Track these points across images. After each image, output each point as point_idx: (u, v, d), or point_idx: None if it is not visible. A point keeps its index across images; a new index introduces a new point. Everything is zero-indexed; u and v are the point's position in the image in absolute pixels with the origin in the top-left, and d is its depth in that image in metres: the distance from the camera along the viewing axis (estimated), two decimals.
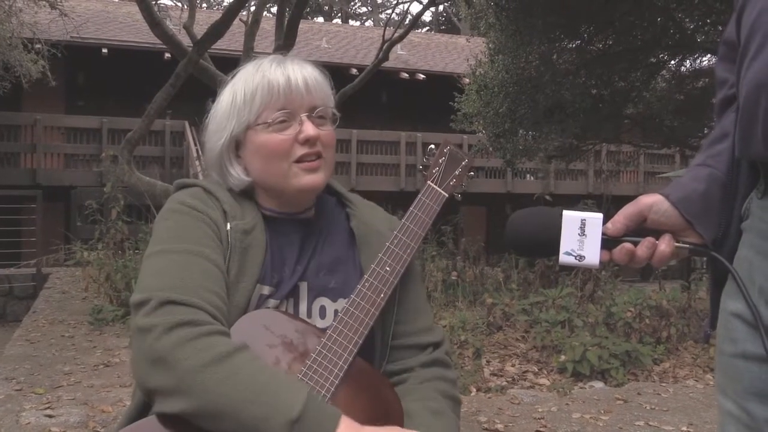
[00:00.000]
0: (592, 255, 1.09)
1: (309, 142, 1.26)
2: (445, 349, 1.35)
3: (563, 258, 1.10)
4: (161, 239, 1.22)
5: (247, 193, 1.32)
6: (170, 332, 1.08)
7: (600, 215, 1.10)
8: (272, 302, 1.24)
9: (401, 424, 1.18)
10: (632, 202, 1.10)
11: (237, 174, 1.30)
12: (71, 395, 4.42)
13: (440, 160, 1.40)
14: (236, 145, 1.31)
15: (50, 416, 3.92)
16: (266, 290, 1.24)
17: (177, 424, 1.09)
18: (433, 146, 1.43)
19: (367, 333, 1.21)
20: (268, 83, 1.26)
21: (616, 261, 1.10)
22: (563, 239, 1.10)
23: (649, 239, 1.08)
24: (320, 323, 1.26)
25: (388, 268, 1.26)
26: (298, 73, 1.28)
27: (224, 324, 1.14)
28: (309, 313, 1.27)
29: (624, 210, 1.10)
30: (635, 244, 1.09)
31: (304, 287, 1.28)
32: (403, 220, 1.33)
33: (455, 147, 1.45)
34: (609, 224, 1.10)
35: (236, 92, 1.29)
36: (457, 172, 1.41)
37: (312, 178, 1.27)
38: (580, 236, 1.09)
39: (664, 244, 1.07)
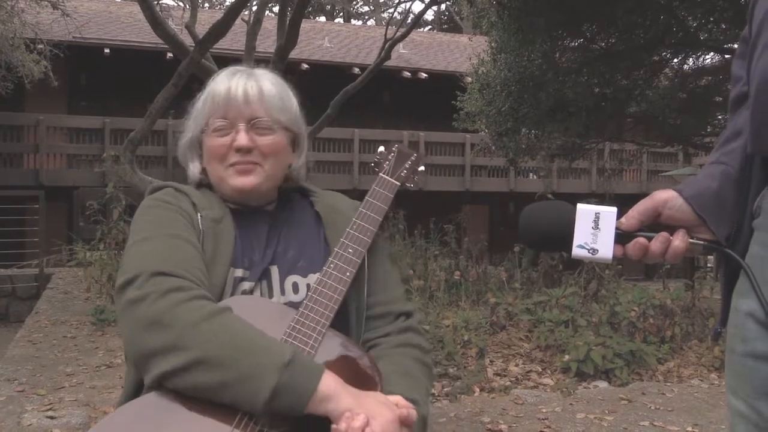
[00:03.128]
0: (606, 249, 1.08)
1: (241, 151, 1.36)
2: (417, 319, 1.44)
3: (576, 251, 1.09)
4: (141, 230, 1.30)
5: (211, 189, 1.44)
6: (164, 296, 1.14)
7: (614, 209, 1.09)
8: (247, 284, 1.31)
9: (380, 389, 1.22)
10: (647, 198, 1.09)
11: (193, 170, 1.45)
12: (73, 396, 4.41)
13: (389, 156, 1.53)
14: (199, 145, 1.44)
15: (52, 417, 3.91)
16: (239, 272, 1.32)
17: (171, 396, 1.12)
18: (382, 148, 1.55)
19: (337, 308, 1.28)
20: (212, 92, 1.40)
21: (630, 256, 1.09)
22: (577, 232, 1.09)
23: (664, 234, 1.07)
24: (294, 297, 1.34)
25: (350, 250, 1.35)
26: (240, 85, 1.38)
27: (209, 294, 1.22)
28: (282, 291, 1.35)
29: (638, 205, 1.09)
30: (649, 239, 1.08)
31: (275, 270, 1.36)
32: (360, 208, 1.43)
33: (403, 145, 1.58)
34: (623, 219, 1.09)
35: (199, 98, 1.44)
36: (407, 165, 1.53)
37: (242, 181, 1.37)
38: (594, 230, 1.08)
39: (679, 240, 1.06)
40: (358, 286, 1.37)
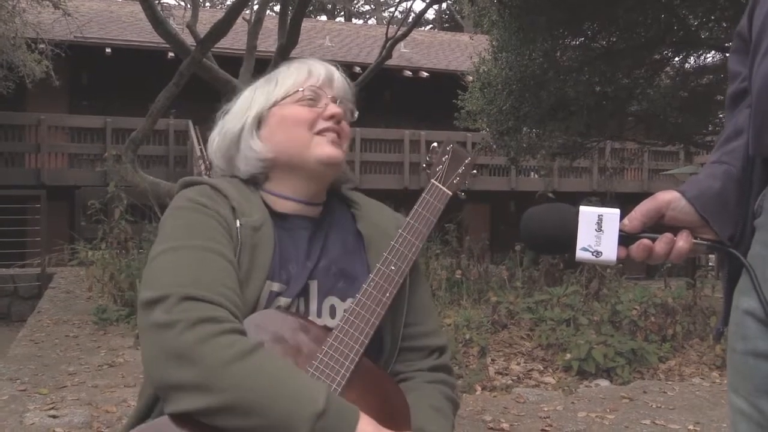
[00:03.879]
0: (609, 251, 1.07)
1: (334, 118, 1.32)
2: (449, 356, 1.39)
3: (580, 254, 1.08)
4: (171, 236, 1.20)
5: (253, 187, 1.34)
6: (193, 328, 1.07)
7: (617, 211, 1.08)
8: (283, 300, 1.23)
9: (409, 426, 1.19)
10: (649, 199, 1.09)
11: (257, 148, 1.32)
12: (75, 395, 4.41)
13: (444, 158, 1.41)
14: (258, 125, 1.35)
15: (54, 417, 3.91)
16: (276, 287, 1.23)
17: (190, 423, 1.07)
18: (436, 144, 1.44)
19: (373, 333, 1.21)
20: (308, 68, 1.36)
21: (634, 257, 1.08)
22: (580, 235, 1.08)
23: (668, 235, 1.06)
24: (330, 322, 1.25)
25: (393, 267, 1.26)
26: (337, 72, 1.38)
27: (242, 322, 1.14)
28: (319, 312, 1.27)
29: (641, 207, 1.08)
30: (653, 240, 1.07)
31: (314, 286, 1.27)
32: (407, 219, 1.32)
33: (458, 145, 1.45)
34: (626, 220, 1.08)
35: (262, 84, 1.38)
36: (460, 171, 1.41)
37: (333, 150, 1.31)
38: (597, 232, 1.07)
39: (683, 240, 1.06)
40: (396, 312, 1.30)
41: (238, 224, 1.23)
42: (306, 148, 1.30)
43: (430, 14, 37.56)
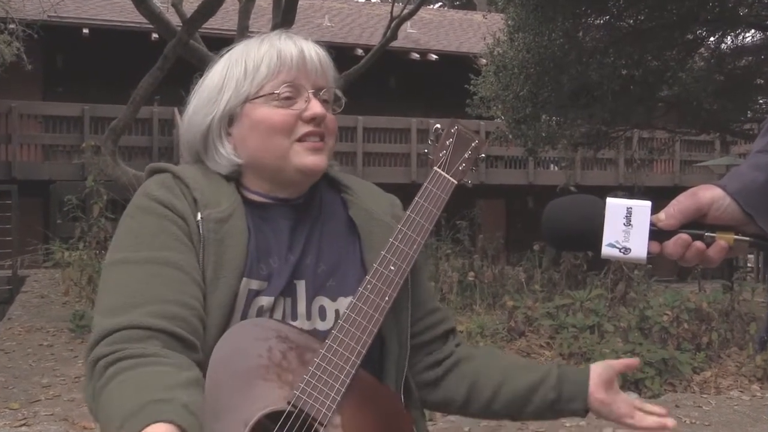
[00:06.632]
0: (639, 247, 1.06)
1: (315, 120, 1.25)
2: (457, 332, 1.44)
3: (606, 250, 1.07)
4: (122, 245, 1.21)
5: (227, 176, 1.29)
6: (105, 370, 1.05)
7: (648, 203, 1.06)
8: (265, 300, 1.20)
9: None
10: (688, 196, 1.06)
11: (226, 153, 1.27)
12: (49, 410, 4.41)
13: (447, 142, 1.38)
14: (228, 121, 1.28)
15: None
16: (255, 284, 1.20)
17: None
18: (439, 126, 1.41)
19: (371, 342, 1.18)
20: (278, 53, 1.25)
21: (669, 254, 1.06)
22: (606, 229, 1.07)
23: (699, 245, 1.04)
24: (321, 325, 1.23)
25: (392, 267, 1.23)
26: (311, 47, 1.28)
27: (197, 340, 1.12)
28: (309, 315, 1.24)
29: (680, 203, 1.06)
30: (692, 236, 1.05)
31: (301, 285, 1.24)
32: (408, 212, 1.29)
33: (464, 127, 1.42)
34: (661, 215, 1.06)
35: (233, 64, 1.28)
36: (466, 156, 1.38)
37: (314, 160, 1.25)
38: (626, 226, 1.06)
39: (714, 251, 1.04)
40: (400, 314, 1.29)
41: (198, 217, 1.20)
42: (284, 158, 1.25)
43: None
